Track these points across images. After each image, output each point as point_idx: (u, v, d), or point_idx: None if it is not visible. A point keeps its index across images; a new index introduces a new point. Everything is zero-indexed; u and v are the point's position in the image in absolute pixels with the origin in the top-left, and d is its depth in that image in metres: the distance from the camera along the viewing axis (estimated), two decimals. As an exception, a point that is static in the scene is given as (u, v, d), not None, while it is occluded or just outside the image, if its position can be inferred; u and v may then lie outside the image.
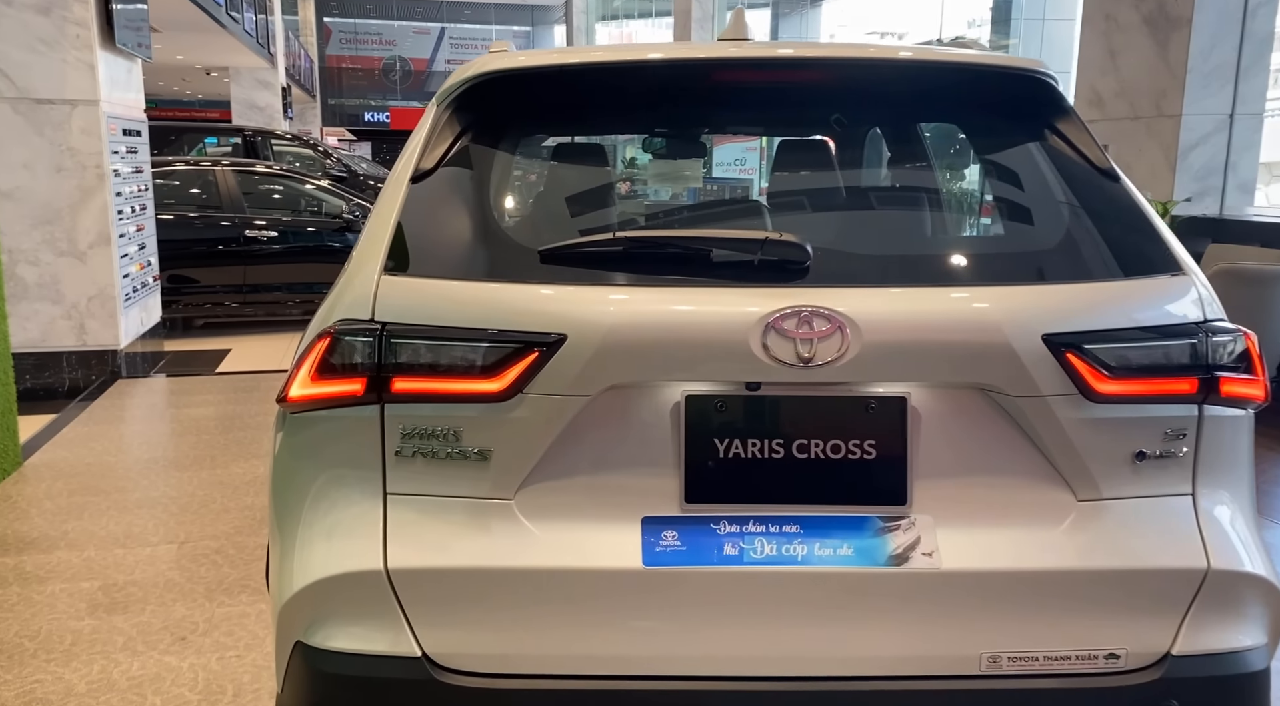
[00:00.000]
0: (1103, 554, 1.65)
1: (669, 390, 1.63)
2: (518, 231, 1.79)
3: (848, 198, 2.12)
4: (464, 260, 1.71)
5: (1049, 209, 1.83)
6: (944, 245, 1.85)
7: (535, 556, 1.60)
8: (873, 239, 1.87)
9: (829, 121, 2.21)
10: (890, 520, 1.65)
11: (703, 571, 1.60)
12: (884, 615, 1.63)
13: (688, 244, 1.69)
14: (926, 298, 1.64)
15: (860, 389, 1.64)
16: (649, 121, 2.28)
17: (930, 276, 1.71)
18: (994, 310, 1.62)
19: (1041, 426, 1.63)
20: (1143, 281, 1.71)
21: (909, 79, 1.95)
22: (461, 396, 1.59)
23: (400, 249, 1.69)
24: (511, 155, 1.89)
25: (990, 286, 1.67)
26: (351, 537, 1.63)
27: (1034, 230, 1.86)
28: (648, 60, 1.89)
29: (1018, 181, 1.89)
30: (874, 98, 2.08)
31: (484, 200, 1.78)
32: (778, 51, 1.87)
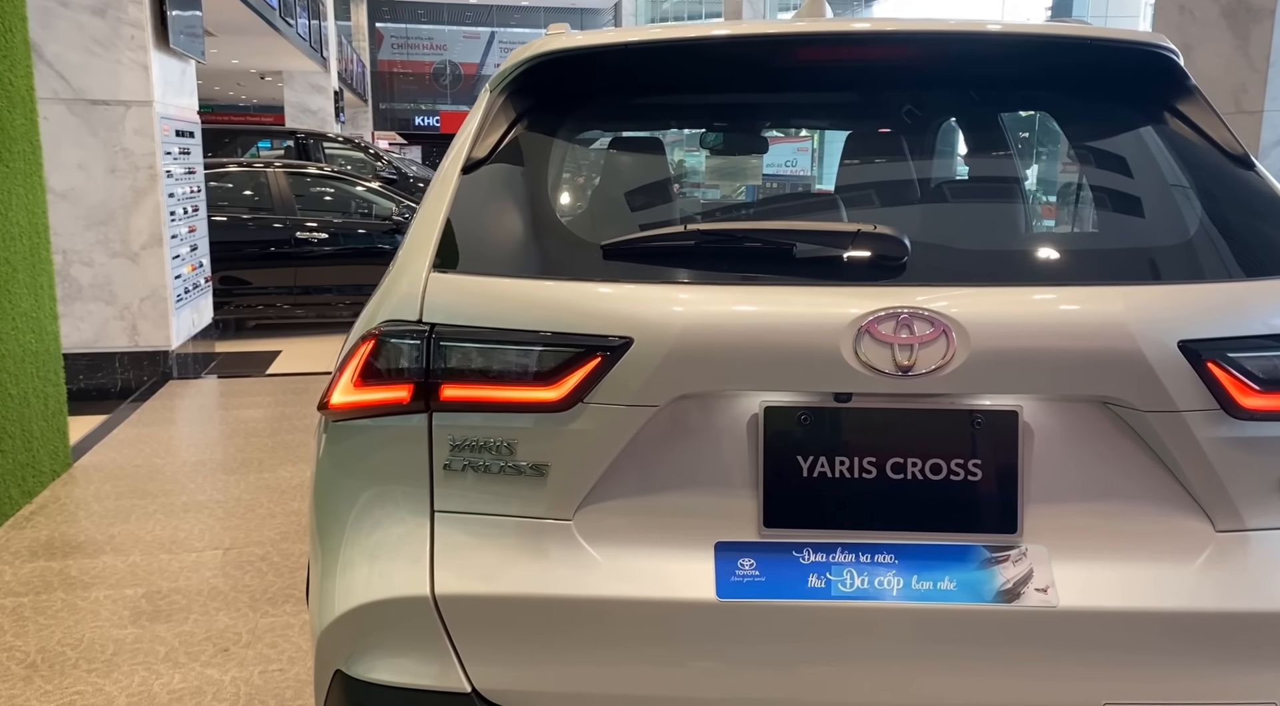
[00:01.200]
0: (1245, 593, 1.44)
1: (746, 401, 1.46)
2: (577, 225, 1.64)
3: (942, 188, 1.94)
4: (520, 256, 1.56)
5: (1177, 200, 1.63)
6: (1059, 239, 1.66)
7: (596, 584, 1.44)
8: (976, 233, 1.68)
9: (918, 106, 2.03)
10: (999, 550, 1.46)
11: (784, 605, 1.43)
12: (992, 658, 1.44)
13: (768, 237, 1.52)
14: (1044, 298, 1.45)
15: (965, 401, 1.45)
16: (716, 107, 2.11)
17: (1047, 274, 1.52)
18: (1123, 312, 1.42)
19: (1175, 446, 1.43)
20: None
21: (1013, 57, 1.76)
22: (516, 405, 1.44)
23: (450, 244, 1.55)
24: (569, 144, 1.74)
25: (1117, 285, 1.47)
26: (396, 559, 1.49)
27: (1162, 223, 1.65)
28: (715, 37, 1.71)
29: (1140, 169, 1.69)
30: (972, 78, 1.88)
31: (541, 192, 1.62)
32: (861, 26, 1.69)
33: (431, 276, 1.51)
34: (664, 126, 2.13)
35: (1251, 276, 1.51)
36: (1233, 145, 1.63)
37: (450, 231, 1.56)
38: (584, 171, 1.76)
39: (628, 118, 1.91)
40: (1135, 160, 1.72)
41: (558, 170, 1.68)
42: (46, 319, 4.40)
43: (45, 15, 5.99)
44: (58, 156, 6.08)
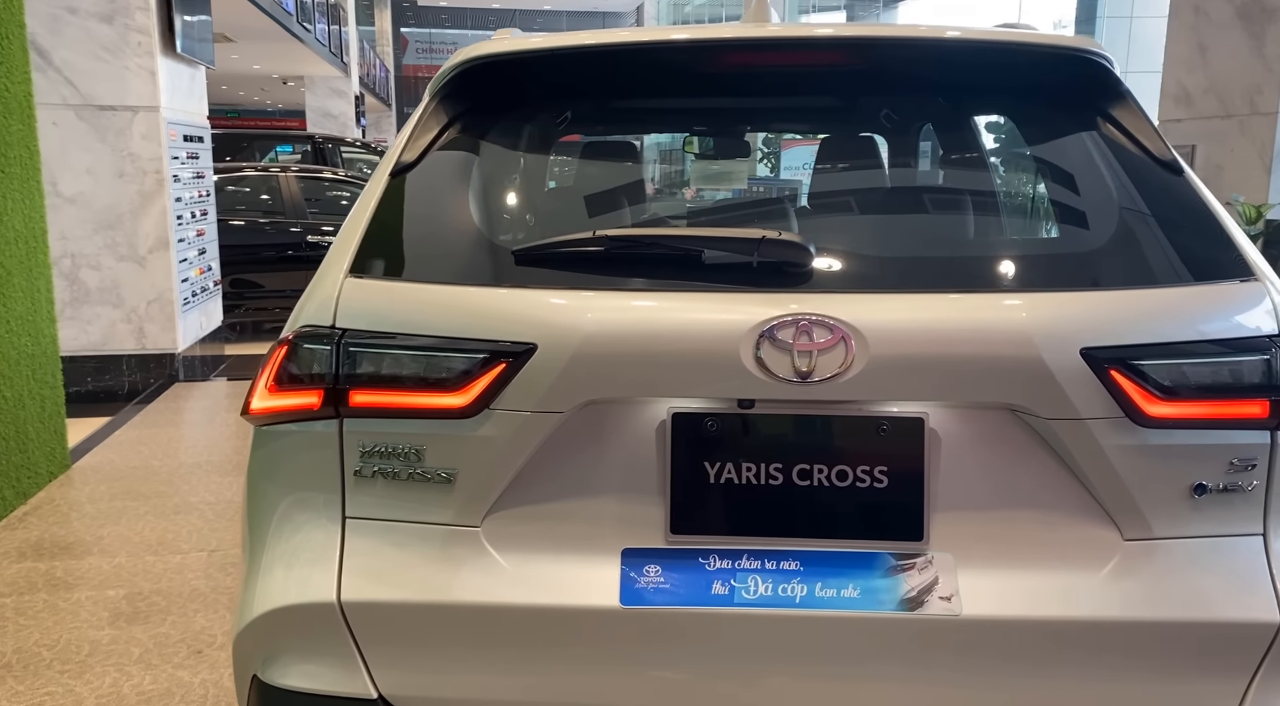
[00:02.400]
0: (1152, 603, 1.41)
1: (654, 407, 1.45)
2: (498, 231, 1.63)
3: (863, 194, 1.91)
4: (436, 262, 1.56)
5: (1096, 205, 1.60)
6: (970, 246, 1.63)
7: (502, 591, 1.44)
8: (889, 239, 1.66)
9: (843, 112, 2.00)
10: (904, 558, 1.44)
11: (687, 612, 1.41)
12: (895, 667, 1.43)
13: (675, 244, 1.51)
14: (945, 305, 1.43)
15: (871, 408, 1.44)
16: (649, 112, 2.10)
17: (951, 281, 1.50)
18: (1024, 320, 1.40)
19: (1081, 454, 1.41)
20: (1205, 288, 1.48)
21: (942, 62, 1.74)
22: (423, 411, 1.44)
23: (369, 249, 1.55)
24: (497, 149, 1.73)
25: (1020, 293, 1.45)
26: (306, 566, 1.49)
27: (1077, 229, 1.63)
28: (645, 42, 1.70)
29: (1061, 174, 1.67)
30: (900, 83, 1.85)
31: (462, 197, 1.61)
32: (795, 32, 1.67)
33: (347, 281, 1.51)
34: (594, 131, 2.12)
35: (1164, 283, 1.49)
36: (1163, 152, 1.60)
37: (370, 236, 1.56)
38: (513, 176, 1.74)
39: (558, 122, 1.90)
40: (1059, 165, 1.69)
41: (483, 175, 1.67)
42: (44, 322, 4.45)
43: (54, 22, 6.08)
44: (66, 161, 6.17)
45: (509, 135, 1.75)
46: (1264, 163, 7.16)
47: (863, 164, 2.04)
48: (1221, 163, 7.53)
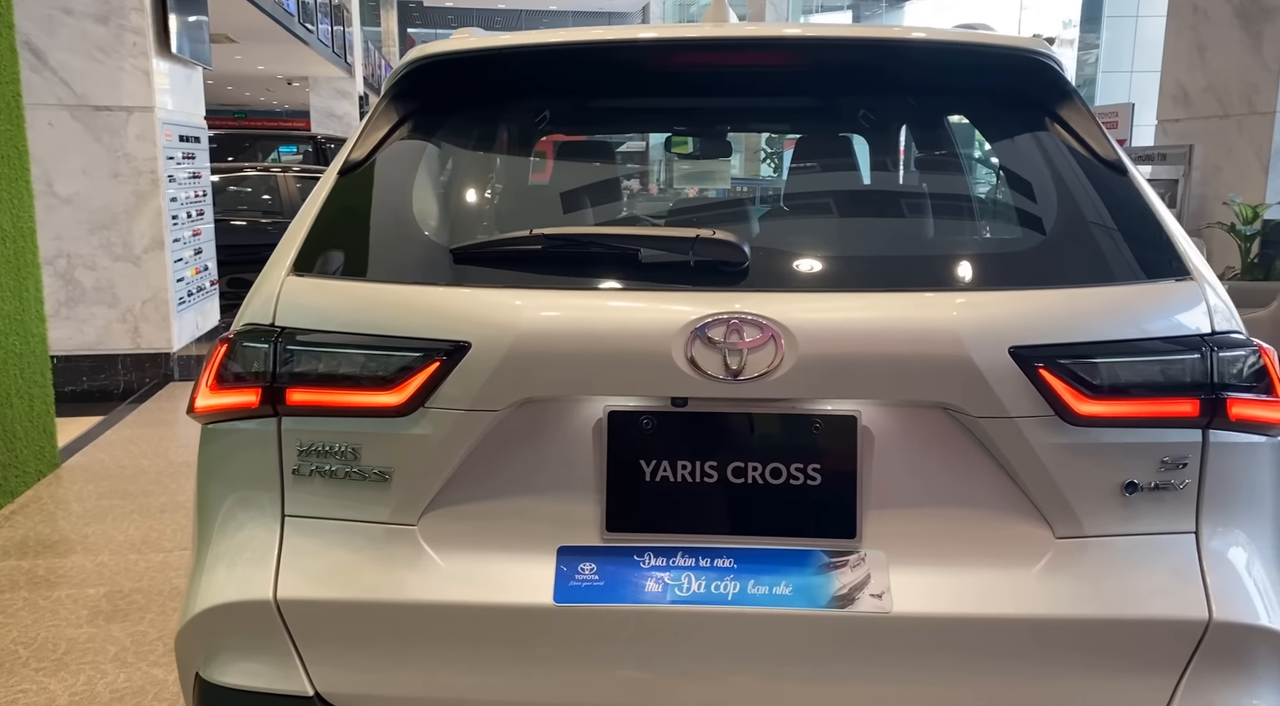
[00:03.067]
0: (1083, 600, 1.42)
1: (591, 405, 1.46)
2: (441, 230, 1.63)
3: (801, 195, 1.91)
4: (377, 260, 1.56)
5: (1033, 206, 1.60)
6: (904, 246, 1.63)
7: (437, 589, 1.44)
8: (825, 239, 1.66)
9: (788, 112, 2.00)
10: (837, 555, 1.44)
11: (619, 609, 1.42)
12: (825, 664, 1.43)
13: (611, 243, 1.51)
14: (875, 304, 1.43)
15: (805, 406, 1.44)
16: (598, 112, 2.10)
17: (883, 280, 1.50)
18: (953, 319, 1.40)
19: (1012, 452, 1.41)
20: (1139, 287, 1.48)
21: (887, 62, 1.73)
22: (359, 410, 1.44)
23: (313, 247, 1.55)
24: (446, 148, 1.73)
25: (951, 292, 1.45)
26: (244, 563, 1.49)
27: (1013, 229, 1.63)
28: (587, 42, 1.70)
29: (1002, 175, 1.67)
30: (845, 84, 1.85)
31: (406, 196, 1.62)
32: (736, 32, 1.67)
33: (288, 280, 1.52)
34: (544, 131, 2.12)
35: (1097, 282, 1.48)
36: (1108, 152, 1.60)
37: (314, 234, 1.57)
38: (456, 176, 1.75)
39: (505, 122, 1.90)
40: (995, 168, 1.69)
41: (429, 174, 1.68)
42: (32, 322, 4.47)
43: (49, 23, 6.10)
44: (62, 161, 6.20)
45: (457, 134, 1.75)
46: (1261, 162, 7.13)
47: (806, 165, 2.04)
48: (1220, 163, 7.50)
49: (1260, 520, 1.51)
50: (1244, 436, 1.47)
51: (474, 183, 1.77)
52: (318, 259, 1.54)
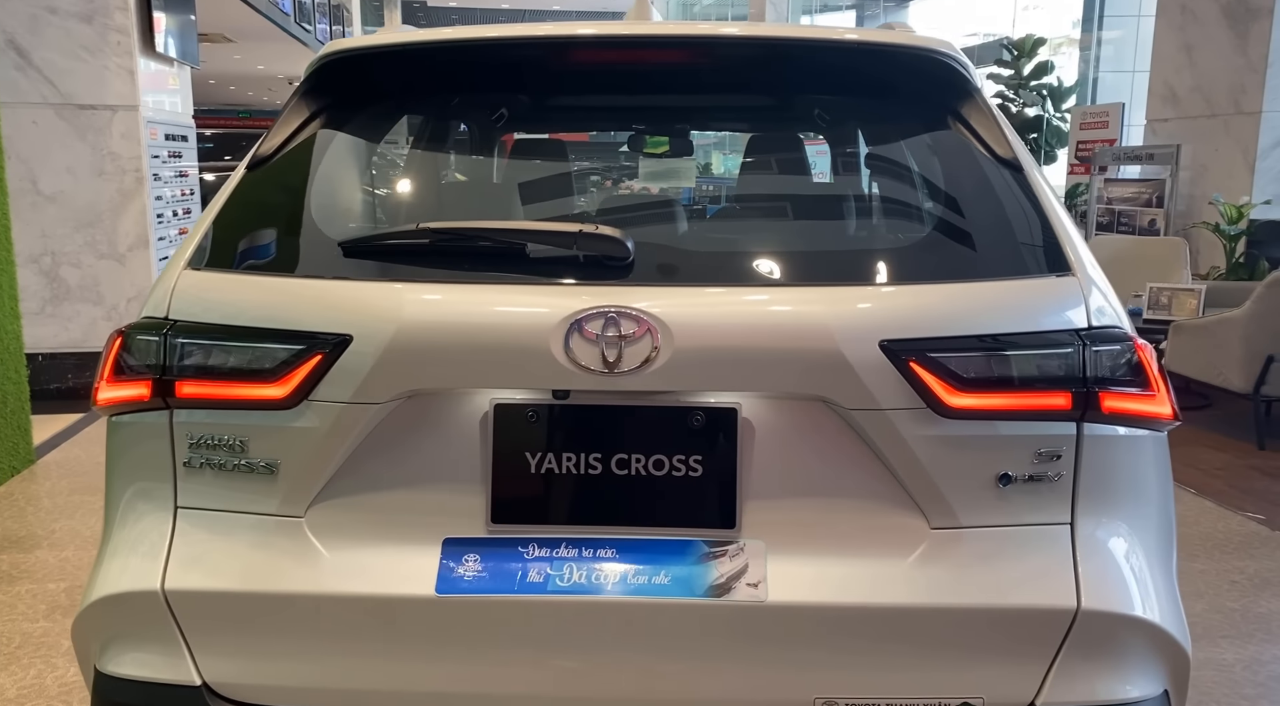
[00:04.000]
0: (956, 589, 1.43)
1: (477, 398, 1.47)
2: (337, 224, 1.64)
3: (692, 191, 1.93)
4: (272, 254, 1.58)
5: (919, 203, 1.62)
6: (785, 242, 1.64)
7: (322, 581, 1.46)
8: (706, 235, 1.68)
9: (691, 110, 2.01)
10: (716, 545, 1.46)
11: (500, 600, 1.43)
12: (703, 653, 1.45)
13: (498, 237, 1.52)
14: (750, 298, 1.45)
15: (684, 399, 1.46)
16: (503, 108, 2.11)
17: (758, 275, 1.52)
18: (824, 313, 1.42)
19: (885, 444, 1.43)
20: (1016, 282, 1.49)
21: (788, 61, 1.75)
22: (246, 402, 1.46)
23: (211, 242, 1.58)
24: (350, 143, 1.75)
25: (824, 287, 1.47)
26: (137, 554, 1.51)
27: (896, 226, 1.65)
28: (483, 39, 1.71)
29: (889, 172, 1.68)
30: (746, 83, 1.87)
31: (307, 191, 1.64)
32: (637, 30, 1.68)
33: (183, 274, 1.54)
34: (451, 126, 2.13)
35: (972, 279, 1.49)
36: (1005, 151, 1.61)
37: (214, 228, 1.59)
38: (358, 171, 1.76)
39: (413, 118, 1.92)
40: (885, 165, 1.70)
41: (331, 169, 1.69)
42: (6, 319, 4.50)
43: (34, 22, 6.14)
44: (46, 160, 6.23)
45: (366, 129, 1.77)
46: (1248, 162, 7.11)
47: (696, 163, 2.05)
48: (1207, 162, 7.48)
49: (1143, 512, 1.53)
50: (1121, 430, 1.48)
51: (377, 178, 1.79)
52: (215, 253, 1.56)
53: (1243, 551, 3.73)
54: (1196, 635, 3.02)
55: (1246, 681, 2.76)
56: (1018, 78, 10.37)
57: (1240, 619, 3.15)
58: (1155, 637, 1.47)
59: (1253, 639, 3.02)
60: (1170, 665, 1.49)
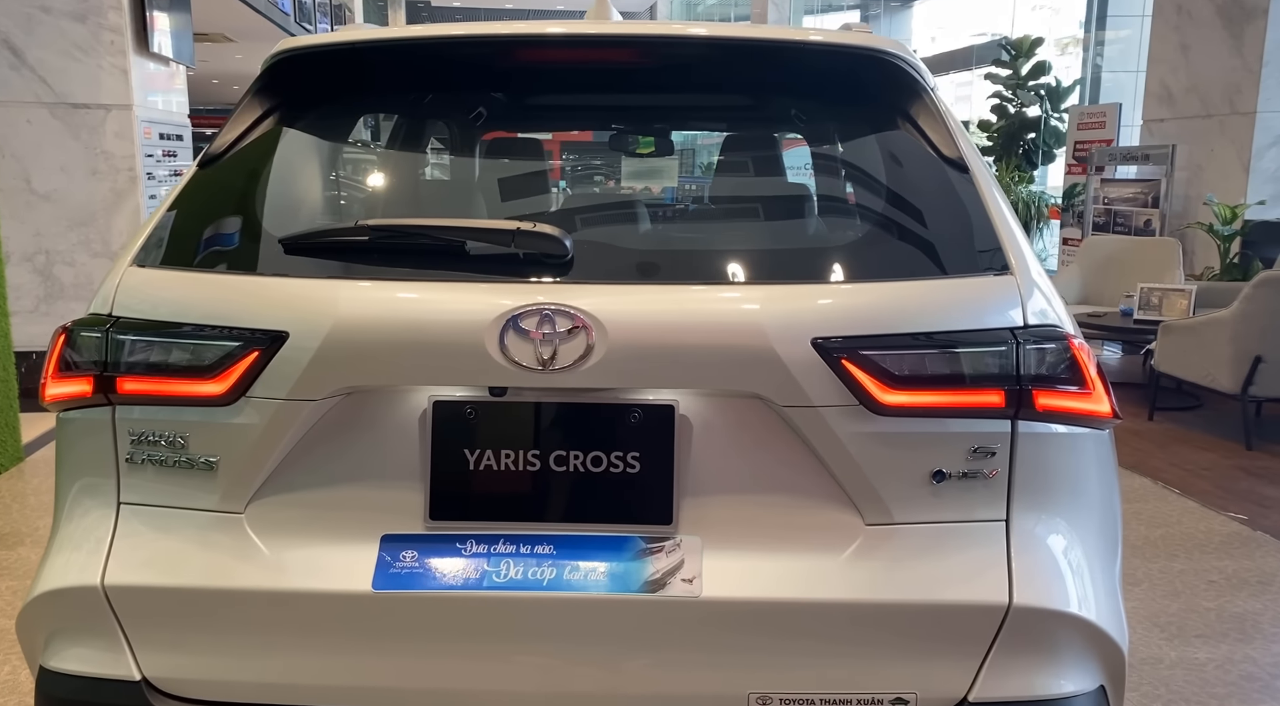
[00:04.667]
0: (889, 585, 1.44)
1: (415, 396, 1.48)
2: (281, 222, 1.65)
3: (630, 190, 1.93)
4: (215, 252, 1.59)
5: (860, 203, 1.62)
6: (723, 241, 1.65)
7: (261, 577, 1.46)
8: (649, 234, 1.69)
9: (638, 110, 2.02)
10: (653, 542, 1.47)
11: (435, 596, 1.44)
12: (639, 648, 1.45)
13: (436, 234, 1.53)
14: (683, 296, 1.45)
15: (622, 396, 1.46)
16: (448, 106, 2.12)
17: (695, 274, 1.52)
18: (757, 311, 1.43)
19: (819, 441, 1.44)
20: (950, 281, 1.50)
21: (728, 60, 1.75)
22: (185, 399, 1.47)
23: (156, 239, 1.58)
24: (299, 142, 1.75)
25: (757, 285, 1.47)
26: (77, 549, 1.52)
27: (835, 225, 1.65)
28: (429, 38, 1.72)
29: (829, 171, 1.69)
30: (692, 82, 1.86)
31: (253, 189, 1.65)
32: (580, 29, 1.68)
33: (128, 271, 1.55)
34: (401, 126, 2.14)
35: (907, 277, 1.50)
36: (950, 150, 1.61)
37: (160, 226, 1.60)
38: (305, 170, 1.77)
39: (365, 116, 1.93)
40: (826, 163, 1.71)
41: (279, 168, 1.70)
42: (-6, 316, 4.52)
43: (28, 21, 6.17)
44: (40, 159, 6.26)
45: (316, 128, 1.78)
46: (1242, 163, 7.09)
47: (645, 162, 2.06)
48: (1202, 163, 7.46)
49: (1082, 509, 1.53)
50: (1058, 427, 1.48)
51: (327, 176, 1.80)
52: (160, 251, 1.57)
53: (1223, 551, 3.73)
54: (1170, 634, 3.02)
55: (1217, 680, 2.76)
56: (1015, 78, 10.34)
57: (1215, 618, 3.15)
58: (1090, 634, 1.47)
59: (1226, 638, 3.01)
60: (1106, 661, 1.50)
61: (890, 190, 1.61)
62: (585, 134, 2.20)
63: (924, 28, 27.89)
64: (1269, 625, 3.11)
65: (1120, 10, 21.39)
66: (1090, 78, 12.45)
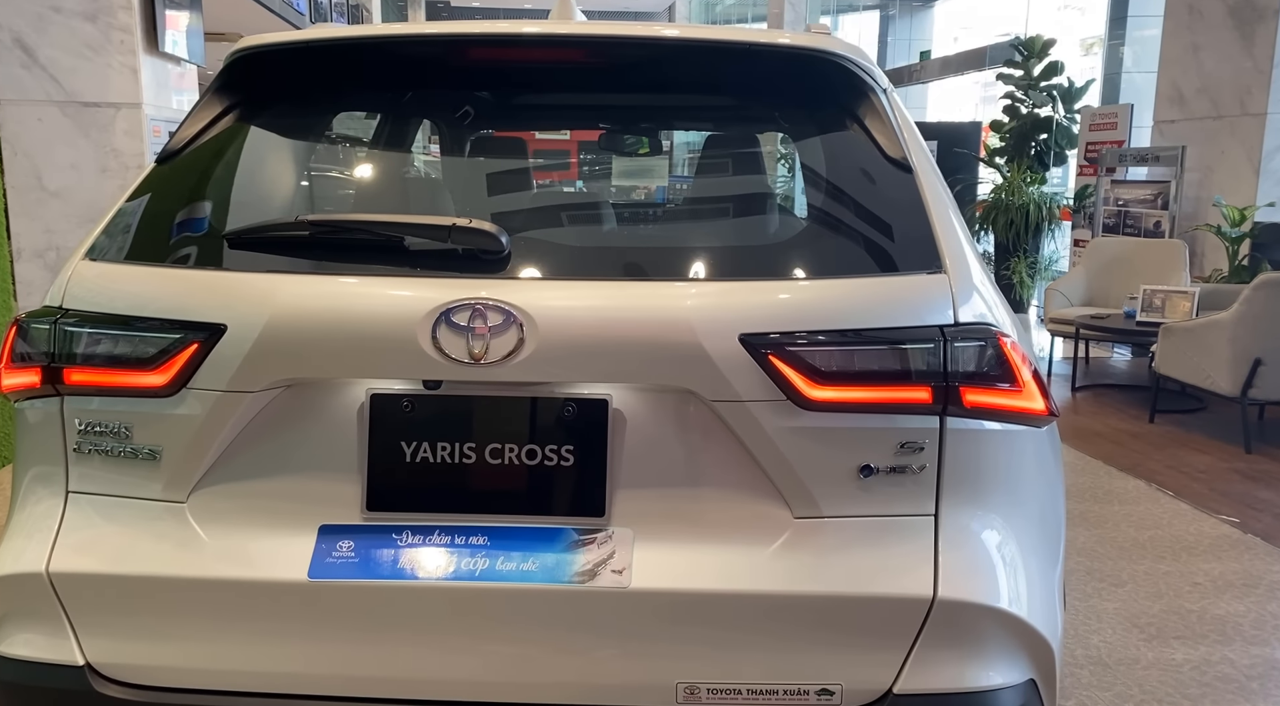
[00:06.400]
0: (815, 577, 1.46)
1: (354, 388, 1.51)
2: (227, 217, 1.68)
3: (568, 187, 1.95)
4: (162, 246, 1.62)
5: (800, 200, 1.65)
6: (656, 239, 1.67)
7: (200, 565, 1.50)
8: (585, 231, 1.71)
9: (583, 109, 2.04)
10: (586, 533, 1.49)
11: (369, 585, 1.46)
12: (568, 638, 1.47)
13: (373, 229, 1.55)
14: (614, 292, 1.47)
15: (557, 390, 1.49)
16: (403, 104, 2.14)
17: (624, 270, 1.55)
18: (686, 308, 1.45)
19: (747, 435, 1.46)
20: (883, 279, 1.51)
21: (677, 61, 1.77)
22: (128, 390, 1.50)
23: (109, 233, 1.62)
24: (254, 138, 1.78)
25: (686, 282, 1.50)
26: (27, 537, 1.56)
27: (767, 224, 1.67)
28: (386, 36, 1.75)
29: (766, 169, 1.69)
30: (637, 83, 1.88)
31: (213, 185, 1.69)
32: (529, 29, 1.70)
33: (79, 265, 1.58)
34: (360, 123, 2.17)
35: (837, 275, 1.52)
36: (893, 150, 1.62)
37: (114, 221, 1.64)
38: (257, 166, 1.80)
39: (321, 114, 1.95)
40: (763, 162, 1.71)
41: (235, 163, 1.73)
42: (1, 313, 4.60)
43: (39, 21, 6.27)
44: (51, 156, 6.35)
45: (272, 126, 1.80)
46: (1253, 164, 7.03)
47: (591, 161, 2.08)
48: (1212, 164, 7.41)
49: (1018, 505, 1.54)
50: (989, 424, 1.49)
51: (281, 175, 1.83)
52: (111, 245, 1.60)
53: (1210, 554, 3.70)
54: (1149, 635, 3.01)
55: (1192, 681, 2.75)
56: (1028, 78, 10.27)
57: (1196, 620, 3.13)
58: (1016, 628, 1.48)
59: (1205, 640, 3.00)
60: (1034, 655, 1.50)
61: (830, 190, 1.63)
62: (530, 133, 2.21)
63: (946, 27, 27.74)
64: (1250, 627, 3.09)
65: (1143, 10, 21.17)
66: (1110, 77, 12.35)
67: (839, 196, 1.62)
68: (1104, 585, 3.38)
